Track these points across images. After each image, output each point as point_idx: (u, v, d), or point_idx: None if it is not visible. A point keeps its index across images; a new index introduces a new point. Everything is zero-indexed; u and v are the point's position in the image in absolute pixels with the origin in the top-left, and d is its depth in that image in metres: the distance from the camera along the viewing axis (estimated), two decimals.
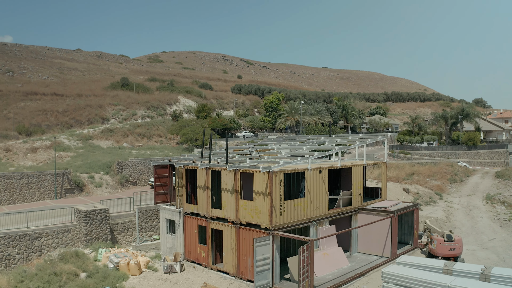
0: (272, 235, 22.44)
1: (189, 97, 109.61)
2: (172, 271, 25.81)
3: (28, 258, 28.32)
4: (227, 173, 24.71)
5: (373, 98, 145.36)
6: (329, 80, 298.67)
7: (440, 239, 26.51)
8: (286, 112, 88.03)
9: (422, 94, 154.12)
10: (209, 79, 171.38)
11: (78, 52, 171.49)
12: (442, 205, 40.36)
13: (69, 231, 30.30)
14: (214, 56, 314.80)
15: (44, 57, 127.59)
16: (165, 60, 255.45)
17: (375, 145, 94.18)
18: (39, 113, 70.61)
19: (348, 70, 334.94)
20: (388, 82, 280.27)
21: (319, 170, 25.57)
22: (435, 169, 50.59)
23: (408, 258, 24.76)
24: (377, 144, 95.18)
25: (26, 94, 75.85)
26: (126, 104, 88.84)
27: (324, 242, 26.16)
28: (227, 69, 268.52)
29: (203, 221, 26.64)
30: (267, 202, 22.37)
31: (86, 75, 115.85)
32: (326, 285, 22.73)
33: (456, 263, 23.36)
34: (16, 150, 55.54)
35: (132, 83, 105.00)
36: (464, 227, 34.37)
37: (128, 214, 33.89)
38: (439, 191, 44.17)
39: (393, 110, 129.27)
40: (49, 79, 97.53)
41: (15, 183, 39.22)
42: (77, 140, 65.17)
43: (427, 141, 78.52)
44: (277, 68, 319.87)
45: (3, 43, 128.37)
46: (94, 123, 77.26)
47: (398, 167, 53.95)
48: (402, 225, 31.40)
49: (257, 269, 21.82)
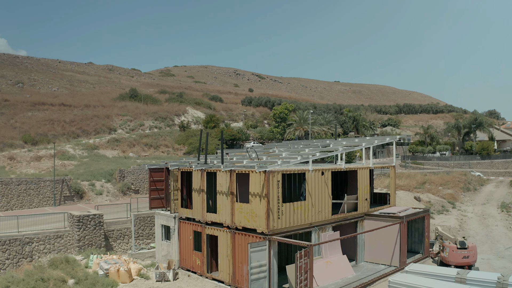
0: (269, 240, 20.86)
1: (198, 108, 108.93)
2: (165, 279, 24.31)
3: (18, 264, 27.10)
4: (222, 174, 23.30)
5: (385, 110, 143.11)
6: (341, 94, 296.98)
7: (452, 246, 24.66)
8: (295, 122, 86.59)
9: (435, 106, 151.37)
10: (220, 92, 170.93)
11: (89, 65, 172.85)
12: (455, 213, 38.37)
13: (61, 236, 29.05)
14: (226, 70, 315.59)
15: (55, 69, 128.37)
16: (177, 74, 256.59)
17: (386, 156, 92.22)
18: (45, 123, 70.24)
19: (360, 84, 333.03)
20: (400, 95, 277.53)
21: (321, 171, 24.03)
22: (447, 178, 48.57)
23: (417, 267, 23.01)
24: (388, 156, 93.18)
25: (33, 104, 75.72)
26: (134, 115, 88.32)
27: (327, 250, 24.47)
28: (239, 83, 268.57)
29: (198, 227, 25.17)
30: (264, 204, 20.86)
31: (96, 87, 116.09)
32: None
33: (470, 271, 21.57)
34: (20, 158, 54.86)
35: (141, 95, 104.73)
36: (478, 236, 32.36)
37: (125, 221, 32.58)
38: (452, 199, 42.16)
39: (405, 122, 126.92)
40: (58, 91, 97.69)
41: (13, 189, 38.27)
42: (82, 149, 64.42)
43: (439, 151, 76.28)
44: (289, 82, 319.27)
45: (15, 56, 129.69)
46: (101, 133, 76.66)
47: (409, 176, 52.06)
48: (412, 232, 29.55)
49: (252, 276, 20.21)
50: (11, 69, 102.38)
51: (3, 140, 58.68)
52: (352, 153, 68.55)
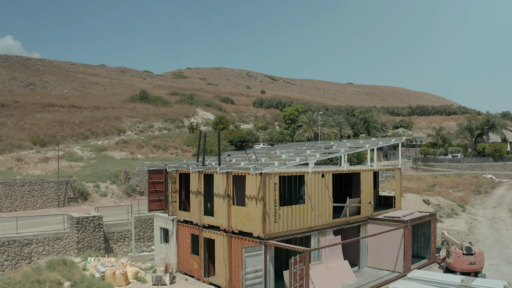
0: (264, 245, 20.24)
1: (208, 110, 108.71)
2: (161, 283, 23.86)
3: (17, 265, 26.94)
4: (219, 176, 22.76)
5: (397, 112, 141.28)
6: (354, 95, 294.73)
7: (458, 252, 23.74)
8: (304, 124, 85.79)
9: (448, 107, 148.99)
10: (232, 94, 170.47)
11: (101, 67, 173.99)
12: (464, 217, 37.30)
13: (61, 238, 28.82)
14: (239, 72, 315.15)
15: (67, 71, 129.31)
16: (189, 76, 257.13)
17: (397, 159, 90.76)
18: (55, 125, 70.54)
19: (373, 86, 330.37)
20: (414, 97, 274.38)
21: (321, 174, 23.34)
22: (458, 181, 47.38)
23: (420, 273, 22.19)
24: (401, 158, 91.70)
25: (43, 106, 76.17)
26: (143, 117, 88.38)
27: (328, 255, 23.74)
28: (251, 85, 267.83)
29: (195, 230, 24.66)
30: (260, 207, 20.26)
31: (108, 89, 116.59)
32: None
33: (475, 279, 20.68)
34: (27, 160, 55.07)
35: (151, 96, 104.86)
36: (488, 241, 31.31)
37: (125, 223, 32.26)
38: (462, 202, 41.04)
39: (418, 124, 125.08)
40: (70, 93, 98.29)
41: (16, 190, 38.26)
42: (90, 151, 64.51)
43: (451, 153, 74.75)
44: (302, 84, 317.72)
45: (27, 58, 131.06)
46: (110, 134, 76.79)
47: (419, 179, 50.98)
48: (418, 237, 28.66)
49: (247, 282, 19.60)
50: (23, 71, 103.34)
51: (12, 142, 59.00)
52: (362, 156, 67.51)
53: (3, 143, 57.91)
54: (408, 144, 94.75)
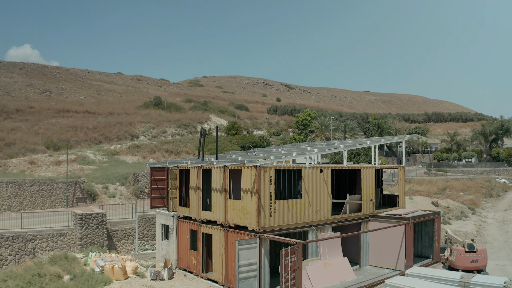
0: (259, 238, 20.13)
1: (221, 116, 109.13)
2: (160, 278, 23.88)
3: (20, 260, 27.29)
4: (216, 171, 22.80)
5: (413, 119, 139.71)
6: (371, 103, 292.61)
7: (460, 249, 23.25)
8: (316, 129, 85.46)
9: (464, 114, 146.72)
10: (247, 101, 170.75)
11: (118, 75, 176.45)
12: (474, 219, 36.56)
13: (65, 235, 29.13)
14: (255, 80, 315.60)
15: (84, 79, 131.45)
16: (206, 84, 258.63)
17: (412, 164, 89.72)
18: (69, 129, 71.60)
19: (390, 94, 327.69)
20: (431, 105, 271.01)
21: (319, 169, 23.18)
22: (469, 184, 46.50)
23: (419, 270, 21.81)
24: (414, 164, 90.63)
25: (58, 111, 77.45)
26: (156, 122, 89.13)
27: (326, 251, 23.50)
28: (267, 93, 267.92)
29: (194, 225, 24.69)
30: (255, 200, 20.20)
31: (124, 97, 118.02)
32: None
33: (475, 275, 20.22)
34: (40, 163, 55.95)
35: (165, 102, 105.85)
36: (496, 242, 30.60)
37: (129, 221, 32.45)
38: (473, 205, 40.24)
39: (434, 131, 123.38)
40: (85, 99, 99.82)
41: (26, 189, 38.87)
42: (102, 155, 65.23)
43: (465, 158, 73.44)
44: (318, 92, 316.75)
45: (44, 65, 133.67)
46: (123, 139, 77.58)
47: (430, 182, 50.22)
48: (422, 236, 28.16)
49: (240, 275, 19.49)
50: (39, 78, 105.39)
51: (26, 145, 60.04)
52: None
53: (17, 146, 58.97)
54: (423, 150, 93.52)
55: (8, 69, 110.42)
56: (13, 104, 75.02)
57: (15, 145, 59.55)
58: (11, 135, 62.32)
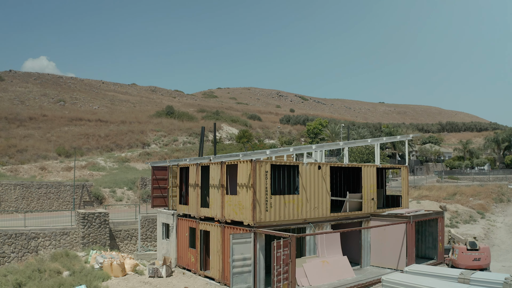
0: (254, 233, 20.00)
1: (233, 126, 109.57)
2: (158, 275, 23.86)
3: (23, 258, 27.58)
4: (214, 167, 22.83)
5: (427, 129, 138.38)
6: (386, 114, 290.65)
7: (462, 247, 22.78)
8: (327, 136, 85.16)
9: (479, 124, 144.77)
10: (261, 112, 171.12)
11: (132, 86, 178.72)
12: (482, 223, 35.88)
13: (67, 234, 29.40)
14: (269, 92, 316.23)
15: (98, 89, 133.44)
16: (220, 96, 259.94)
17: (425, 173, 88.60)
18: (80, 137, 72.56)
19: (405, 105, 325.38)
20: (446, 116, 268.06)
21: (318, 166, 23.04)
22: (480, 189, 45.67)
23: (418, 267, 21.42)
24: (427, 173, 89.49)
25: (71, 119, 78.63)
26: (168, 131, 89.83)
27: (325, 249, 23.23)
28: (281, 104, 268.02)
29: (193, 223, 24.67)
30: (250, 195, 20.12)
31: (137, 107, 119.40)
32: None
33: (475, 272, 19.73)
34: (51, 168, 56.70)
35: (176, 111, 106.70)
36: (504, 245, 29.96)
37: (133, 222, 32.64)
38: (482, 210, 39.49)
39: (448, 141, 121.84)
40: (98, 109, 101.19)
41: (33, 192, 39.39)
42: (113, 162, 65.86)
43: (477, 165, 72.22)
44: (332, 103, 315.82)
45: (59, 76, 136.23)
46: (134, 147, 78.29)
47: (441, 188, 49.53)
48: (426, 237, 27.64)
49: (234, 270, 19.33)
50: (54, 88, 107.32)
51: (37, 152, 60.99)
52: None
53: (28, 153, 59.91)
54: (436, 159, 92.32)
55: (23, 79, 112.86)
56: (27, 112, 76.47)
57: (27, 151, 60.55)
58: (24, 142, 63.41)
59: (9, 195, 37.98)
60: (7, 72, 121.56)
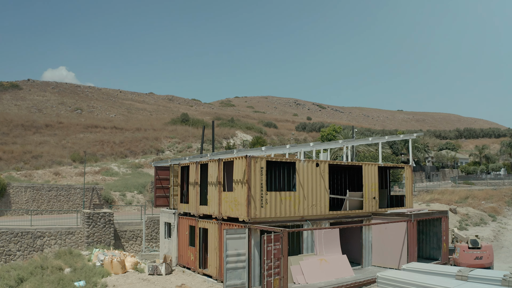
0: (248, 229, 19.99)
1: (248, 133, 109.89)
2: (157, 272, 23.99)
3: (29, 256, 28.06)
4: (212, 164, 22.97)
5: (444, 135, 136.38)
6: (404, 122, 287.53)
7: (463, 245, 22.35)
8: None
9: (497, 130, 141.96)
10: (277, 120, 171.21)
11: (150, 95, 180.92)
12: (493, 226, 35.12)
13: (73, 233, 29.83)
14: (286, 100, 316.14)
15: (115, 98, 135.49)
16: (237, 105, 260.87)
17: (441, 179, 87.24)
18: (95, 144, 73.66)
19: (424, 112, 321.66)
20: (465, 123, 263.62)
21: (315, 163, 22.96)
22: (493, 193, 44.74)
23: (416, 265, 21.07)
24: (443, 179, 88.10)
25: (86, 127, 79.97)
26: (182, 138, 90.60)
27: (323, 247, 23.04)
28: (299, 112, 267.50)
29: (193, 221, 24.79)
30: (245, 191, 20.16)
31: (154, 115, 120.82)
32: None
33: (474, 269, 19.31)
34: (65, 174, 57.65)
35: (192, 119, 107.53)
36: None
37: (138, 223, 32.95)
38: (494, 213, 38.67)
39: (466, 147, 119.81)
40: (115, 117, 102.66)
41: (43, 194, 40.10)
42: (126, 167, 66.62)
43: (493, 170, 70.78)
44: (350, 111, 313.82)
45: (76, 85, 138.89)
46: (148, 154, 79.09)
47: (453, 192, 48.67)
48: (430, 238, 27.17)
49: (228, 265, 19.32)
50: (71, 97, 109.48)
51: (52, 158, 62.12)
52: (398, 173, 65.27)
53: (43, 159, 61.07)
54: (452, 165, 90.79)
55: (41, 88, 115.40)
56: (43, 120, 78.05)
57: (42, 157, 61.74)
58: (39, 148, 64.70)
59: (20, 197, 38.76)
60: (25, 81, 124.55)
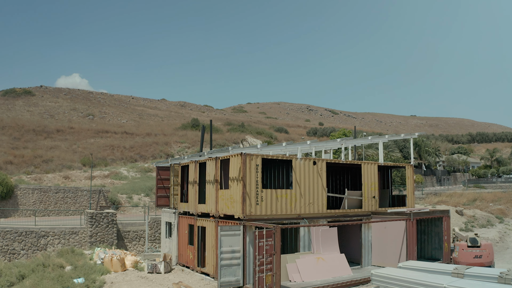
0: (243, 226, 20.07)
1: (258, 137, 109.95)
2: (156, 271, 24.18)
3: (32, 255, 28.44)
4: (210, 163, 23.16)
5: (456, 140, 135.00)
6: (417, 127, 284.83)
7: (462, 244, 22.08)
8: None
9: (510, 134, 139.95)
10: (289, 126, 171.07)
11: (162, 101, 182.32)
12: (499, 227, 34.66)
13: (76, 233, 30.20)
14: (299, 106, 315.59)
15: (127, 104, 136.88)
16: (249, 111, 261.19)
17: (452, 183, 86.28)
18: (106, 148, 74.43)
19: (437, 118, 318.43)
20: (479, 128, 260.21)
21: (313, 161, 23.00)
22: (501, 195, 44.16)
23: (412, 263, 20.91)
24: (455, 183, 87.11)
25: (97, 132, 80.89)
26: (192, 142, 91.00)
27: (320, 246, 22.96)
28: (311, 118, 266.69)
29: (192, 219, 24.96)
30: (240, 188, 20.27)
31: (165, 121, 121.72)
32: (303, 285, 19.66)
33: (471, 267, 19.08)
34: (74, 177, 58.34)
35: (202, 124, 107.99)
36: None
37: (141, 223, 33.23)
38: (501, 215, 38.18)
39: (478, 151, 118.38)
40: (126, 123, 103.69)
41: (51, 196, 40.65)
42: (136, 171, 67.20)
43: (503, 173, 69.76)
44: (363, 117, 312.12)
45: (89, 91, 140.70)
46: (158, 158, 79.65)
47: (461, 195, 48.18)
48: (432, 238, 26.90)
49: (222, 262, 19.40)
50: (83, 103, 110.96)
51: (63, 162, 62.94)
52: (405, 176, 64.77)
53: (54, 163, 61.91)
54: (464, 169, 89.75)
55: (54, 94, 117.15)
56: (54, 125, 79.19)
57: (53, 162, 62.58)
58: (50, 152, 65.60)
59: (27, 198, 39.36)
60: (38, 88, 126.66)
